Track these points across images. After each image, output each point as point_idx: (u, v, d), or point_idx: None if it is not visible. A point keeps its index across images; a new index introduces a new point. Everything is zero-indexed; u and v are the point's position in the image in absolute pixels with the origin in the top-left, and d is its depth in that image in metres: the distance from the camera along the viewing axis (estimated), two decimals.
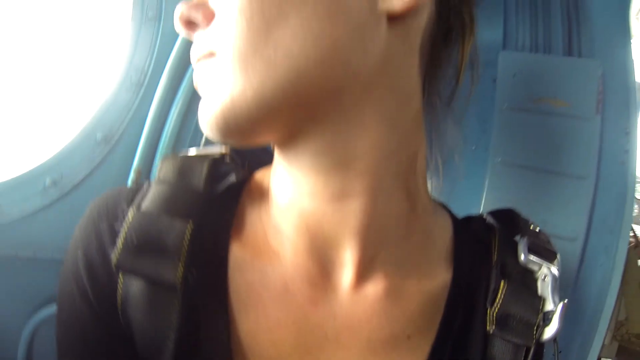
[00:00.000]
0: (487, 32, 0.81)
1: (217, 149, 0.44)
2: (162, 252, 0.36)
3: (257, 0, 0.31)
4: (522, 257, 0.43)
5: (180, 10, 0.35)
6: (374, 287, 0.39)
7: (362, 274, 0.39)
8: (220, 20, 0.33)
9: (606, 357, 0.82)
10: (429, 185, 0.44)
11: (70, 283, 0.38)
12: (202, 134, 0.56)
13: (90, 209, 0.41)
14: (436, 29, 0.39)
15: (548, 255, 0.44)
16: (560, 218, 0.69)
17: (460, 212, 0.48)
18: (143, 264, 0.36)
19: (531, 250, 0.44)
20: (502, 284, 0.41)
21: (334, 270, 0.39)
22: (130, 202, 0.40)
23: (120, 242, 0.37)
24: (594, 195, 0.68)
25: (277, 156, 0.40)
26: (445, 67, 0.43)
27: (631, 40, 0.74)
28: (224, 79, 0.32)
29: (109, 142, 0.53)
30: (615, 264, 0.68)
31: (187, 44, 0.54)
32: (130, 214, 0.38)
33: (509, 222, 0.47)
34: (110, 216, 0.39)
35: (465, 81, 0.44)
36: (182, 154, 0.44)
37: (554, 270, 0.43)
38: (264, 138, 0.36)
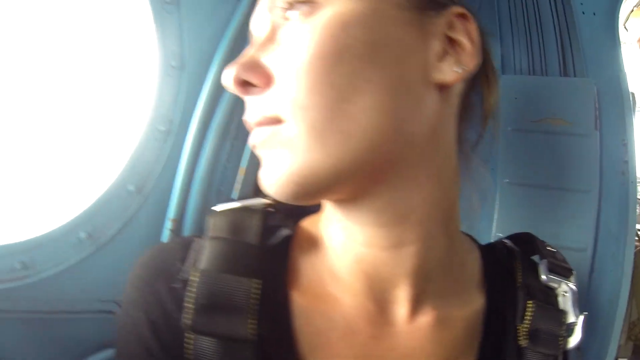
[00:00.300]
0: None
1: (261, 201, 0.46)
2: (233, 310, 0.38)
3: (329, 74, 0.33)
4: (544, 277, 0.47)
5: (233, 73, 0.35)
6: (425, 318, 0.43)
7: (414, 308, 0.43)
8: (285, 87, 0.34)
9: (623, 357, 0.87)
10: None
11: (134, 345, 0.39)
12: (229, 180, 0.58)
13: (141, 269, 0.43)
14: (466, 84, 0.43)
15: (565, 272, 0.49)
16: (569, 231, 0.72)
17: (474, 231, 0.52)
18: (215, 323, 0.38)
19: (550, 270, 0.48)
20: (529, 303, 0.45)
21: (389, 307, 0.43)
22: (183, 260, 0.42)
23: (189, 304, 0.38)
24: (598, 207, 0.72)
25: (334, 210, 0.42)
26: (471, 115, 0.46)
27: (622, 57, 0.79)
28: (298, 148, 0.34)
29: (141, 192, 0.55)
30: (623, 269, 0.72)
31: (214, 91, 0.56)
32: (193, 275, 0.40)
33: (527, 245, 0.52)
34: (167, 276, 0.41)
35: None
36: (228, 208, 0.46)
37: (572, 285, 0.47)
38: (328, 199, 0.39)
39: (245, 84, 0.35)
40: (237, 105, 0.58)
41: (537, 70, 0.79)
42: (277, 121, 0.34)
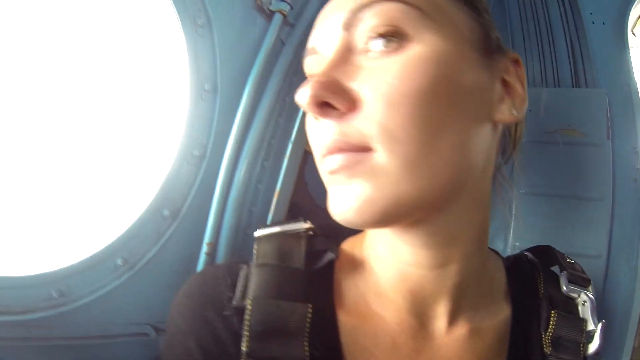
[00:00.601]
0: None
1: (302, 225, 0.47)
2: (287, 334, 0.40)
3: (425, 108, 0.34)
4: (565, 288, 0.50)
5: (310, 93, 0.34)
6: (461, 330, 0.46)
7: (451, 322, 0.46)
8: (377, 117, 0.34)
9: (637, 359, 0.90)
10: None
11: None
12: (260, 201, 0.58)
13: (188, 298, 0.44)
14: None
15: (584, 282, 0.51)
16: (584, 238, 0.75)
17: (492, 240, 0.54)
18: (271, 348, 0.39)
19: (570, 281, 0.51)
20: (552, 313, 0.48)
21: (429, 322, 0.46)
22: (231, 287, 0.43)
23: (246, 332, 0.39)
24: (612, 214, 0.75)
25: (383, 233, 0.44)
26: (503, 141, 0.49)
27: (632, 65, 0.81)
28: (387, 179, 0.34)
29: (176, 216, 0.55)
30: (637, 273, 0.75)
31: (248, 114, 0.57)
32: (249, 303, 0.41)
33: (547, 257, 0.55)
34: (217, 304, 0.42)
35: None
36: (271, 233, 0.47)
37: (590, 295, 0.50)
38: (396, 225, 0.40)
39: (324, 106, 0.34)
40: (268, 127, 0.59)
41: (550, 81, 0.81)
42: (364, 149, 0.34)
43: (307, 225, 0.48)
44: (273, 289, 0.42)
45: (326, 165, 0.36)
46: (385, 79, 0.34)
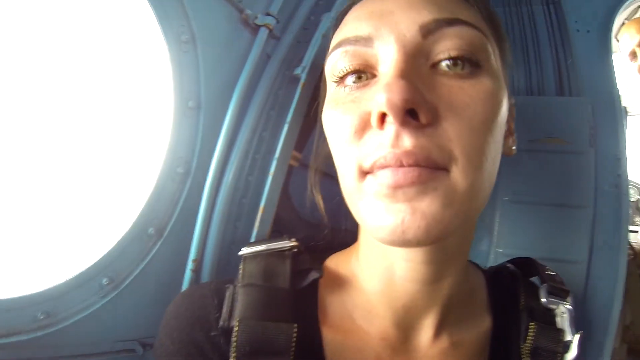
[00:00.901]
0: None
1: (286, 242, 0.48)
2: (273, 353, 0.41)
3: (492, 137, 0.38)
4: (544, 299, 0.52)
5: (403, 95, 0.33)
6: (444, 343, 0.48)
7: (436, 334, 0.47)
8: (458, 138, 0.35)
9: (618, 359, 0.92)
10: None
11: None
12: (245, 216, 0.59)
13: (175, 318, 0.45)
14: None
15: (563, 294, 0.53)
16: (565, 245, 0.76)
17: (476, 246, 0.55)
18: None
19: (550, 293, 0.52)
20: (532, 325, 0.49)
21: (415, 335, 0.47)
22: (218, 307, 0.44)
23: (233, 353, 0.41)
24: (593, 221, 0.76)
25: (383, 250, 0.44)
26: None
27: (615, 73, 0.82)
28: (460, 199, 0.35)
29: (161, 234, 0.55)
30: (617, 277, 0.76)
31: (231, 131, 0.56)
32: (236, 324, 0.42)
33: (528, 268, 0.57)
34: (204, 326, 0.44)
35: None
36: (256, 251, 0.48)
37: (569, 306, 0.52)
38: None
39: (409, 113, 0.34)
40: (252, 142, 0.58)
41: (535, 90, 0.82)
42: (442, 167, 0.35)
43: (291, 243, 0.49)
44: (259, 310, 0.42)
45: (382, 178, 0.35)
46: (467, 102, 0.36)
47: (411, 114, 0.34)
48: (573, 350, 0.49)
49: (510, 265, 0.58)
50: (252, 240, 0.58)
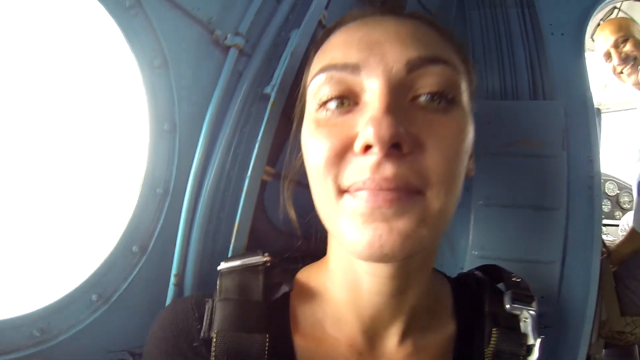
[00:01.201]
0: None
1: (259, 257, 0.53)
2: None
3: (463, 166, 0.42)
4: (508, 306, 0.55)
5: (390, 131, 0.37)
6: (408, 349, 0.51)
7: (401, 341, 0.51)
8: (435, 167, 0.39)
9: (595, 354, 0.96)
10: None
11: None
12: (223, 230, 0.62)
13: (162, 330, 0.49)
14: None
15: (528, 300, 0.56)
16: (540, 246, 0.79)
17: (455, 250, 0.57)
18: None
19: (514, 299, 0.55)
20: (494, 330, 0.53)
21: (381, 342, 0.51)
22: (199, 320, 0.49)
23: None
24: (566, 222, 0.79)
25: (351, 264, 0.48)
26: None
27: (588, 77, 0.84)
28: (433, 222, 0.40)
29: (145, 251, 0.59)
30: (591, 275, 0.79)
31: (207, 150, 0.60)
32: (214, 336, 0.46)
33: (494, 275, 0.60)
34: (187, 337, 0.48)
35: None
36: (232, 267, 0.52)
37: (532, 312, 0.55)
38: None
39: (392, 145, 0.37)
40: (227, 159, 0.61)
41: (509, 94, 0.83)
42: (418, 192, 0.39)
43: (264, 258, 0.53)
44: (234, 322, 0.47)
45: (361, 198, 0.39)
46: (443, 134, 0.40)
47: (394, 145, 0.38)
48: (535, 353, 0.52)
49: (478, 272, 0.61)
50: (230, 253, 0.61)
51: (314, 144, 0.42)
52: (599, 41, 1.31)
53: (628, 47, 1.32)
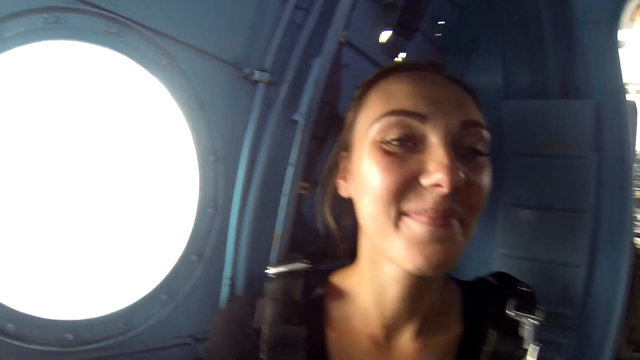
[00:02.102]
0: (487, 78, 0.90)
1: (301, 265, 0.65)
2: (291, 346, 0.58)
3: None
4: (509, 312, 0.61)
5: (458, 177, 0.48)
6: (419, 343, 0.61)
7: (414, 337, 0.60)
8: (476, 203, 0.52)
9: (625, 359, 0.94)
10: None
11: None
12: (266, 243, 0.72)
13: (222, 322, 0.63)
14: None
15: (531, 309, 0.61)
16: (567, 248, 0.80)
17: (477, 249, 0.62)
18: (281, 357, 0.58)
19: (518, 307, 0.61)
20: (492, 332, 0.60)
21: (396, 337, 0.61)
22: (251, 314, 0.61)
23: (263, 346, 0.58)
24: (595, 224, 0.78)
25: (377, 272, 0.58)
26: None
27: (621, 70, 0.80)
28: (460, 244, 0.52)
29: (201, 259, 0.71)
30: (619, 279, 0.78)
31: (247, 176, 0.70)
32: (264, 327, 0.59)
33: (505, 283, 0.66)
34: (243, 327, 0.61)
35: None
36: (278, 272, 0.65)
37: (534, 320, 0.60)
38: None
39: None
40: (265, 181, 0.71)
41: (539, 93, 0.82)
42: (460, 219, 0.51)
43: (304, 265, 0.66)
44: (279, 317, 0.60)
45: (421, 222, 0.50)
46: (483, 179, 0.53)
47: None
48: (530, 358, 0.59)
49: (491, 278, 0.67)
50: (274, 258, 0.73)
51: (383, 173, 0.52)
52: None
53: None
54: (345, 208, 0.63)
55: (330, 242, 0.73)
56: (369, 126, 0.55)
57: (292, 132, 0.72)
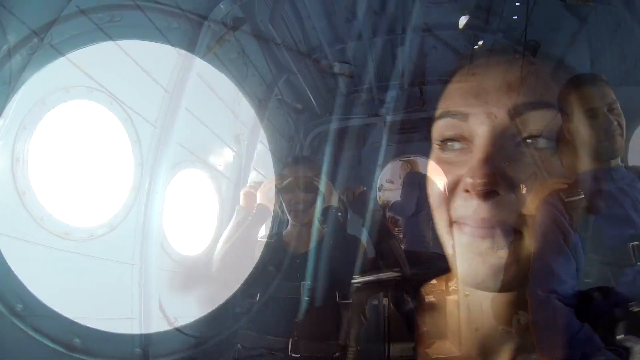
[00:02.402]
0: None
1: (392, 273, 0.75)
2: None
3: None
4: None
5: (486, 180, 0.42)
6: None
7: None
8: (505, 205, 0.42)
9: None
10: None
11: None
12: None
13: None
14: None
15: None
16: None
17: None
18: None
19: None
20: None
21: None
22: None
23: None
24: None
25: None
26: None
27: None
28: (525, 257, 0.45)
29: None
30: None
31: None
32: None
33: None
34: None
35: None
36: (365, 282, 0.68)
37: None
38: None
39: (492, 190, 0.43)
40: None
41: None
42: (514, 229, 0.43)
43: (395, 274, 0.74)
44: None
45: (464, 232, 0.45)
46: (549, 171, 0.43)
47: (491, 190, 0.41)
48: None
49: None
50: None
51: (435, 178, 0.47)
52: None
53: None
54: None
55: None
56: None
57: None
